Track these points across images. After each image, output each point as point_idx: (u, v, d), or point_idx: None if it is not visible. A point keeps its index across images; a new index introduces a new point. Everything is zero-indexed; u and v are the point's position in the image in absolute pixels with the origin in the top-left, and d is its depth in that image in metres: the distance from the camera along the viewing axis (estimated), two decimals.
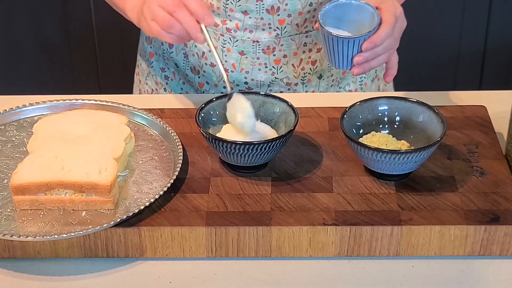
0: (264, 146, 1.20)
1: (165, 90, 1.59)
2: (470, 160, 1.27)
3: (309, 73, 1.51)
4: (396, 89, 1.69)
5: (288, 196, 1.20)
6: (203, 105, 1.28)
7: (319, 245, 1.16)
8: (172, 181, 1.21)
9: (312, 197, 1.20)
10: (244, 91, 1.31)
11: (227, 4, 1.44)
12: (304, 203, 1.19)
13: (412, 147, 1.26)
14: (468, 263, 1.16)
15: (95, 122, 1.30)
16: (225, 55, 1.49)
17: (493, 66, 2.71)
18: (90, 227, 1.14)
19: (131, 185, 1.23)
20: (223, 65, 1.32)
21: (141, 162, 1.28)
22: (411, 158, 1.19)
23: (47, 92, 1.59)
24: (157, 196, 1.18)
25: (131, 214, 1.15)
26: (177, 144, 1.28)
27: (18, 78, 2.72)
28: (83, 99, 1.38)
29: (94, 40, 2.66)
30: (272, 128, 1.29)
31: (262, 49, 1.48)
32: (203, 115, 1.27)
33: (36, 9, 2.61)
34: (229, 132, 1.25)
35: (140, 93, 1.65)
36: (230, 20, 1.46)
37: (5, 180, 1.23)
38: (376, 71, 1.60)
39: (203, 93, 1.55)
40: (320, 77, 1.53)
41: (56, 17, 2.62)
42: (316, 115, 1.37)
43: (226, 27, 1.47)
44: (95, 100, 1.38)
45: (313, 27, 1.47)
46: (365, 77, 1.58)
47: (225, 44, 1.48)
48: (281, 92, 1.51)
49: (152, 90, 1.61)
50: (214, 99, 1.29)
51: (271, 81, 1.50)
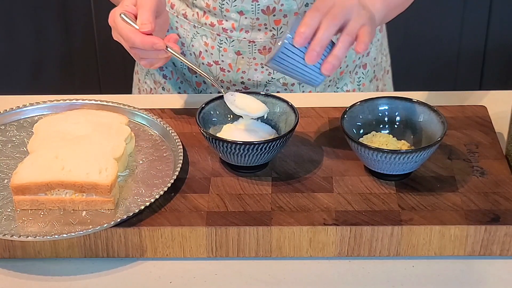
0: (265, 146, 1.20)
1: (163, 89, 1.59)
2: (470, 160, 1.27)
3: None
4: (396, 89, 1.69)
5: (289, 196, 1.20)
6: (203, 105, 1.28)
7: (319, 245, 1.16)
8: (172, 181, 1.21)
9: (313, 197, 1.20)
10: (245, 91, 1.31)
11: (223, 4, 1.44)
12: (305, 203, 1.19)
13: (413, 147, 1.26)
14: (468, 263, 1.16)
15: (96, 122, 1.30)
16: (222, 55, 1.49)
17: (494, 66, 2.71)
18: (91, 227, 1.14)
19: (131, 185, 1.23)
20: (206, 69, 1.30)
21: (141, 162, 1.28)
22: (411, 158, 1.19)
23: (47, 92, 1.59)
24: (157, 196, 1.18)
25: (131, 214, 1.15)
26: (178, 144, 1.28)
27: (18, 78, 2.72)
28: (83, 99, 1.38)
29: (94, 40, 2.66)
30: (272, 128, 1.29)
31: (258, 49, 1.48)
32: (203, 115, 1.27)
33: (36, 9, 2.61)
34: (229, 132, 1.25)
35: (139, 92, 1.65)
36: (226, 20, 1.46)
37: (5, 180, 1.23)
38: (375, 71, 1.59)
39: (201, 92, 1.55)
40: None
41: (56, 17, 2.62)
42: (317, 115, 1.37)
43: (222, 27, 1.47)
44: (95, 100, 1.38)
45: None
46: (363, 78, 1.57)
47: (221, 44, 1.48)
48: (278, 92, 1.51)
49: (151, 89, 1.61)
50: (214, 99, 1.29)
51: (267, 81, 1.50)
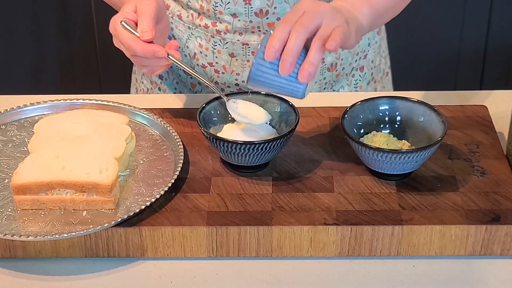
0: (265, 146, 1.20)
1: (159, 89, 1.59)
2: (471, 160, 1.27)
3: None
4: (396, 89, 1.69)
5: (289, 195, 1.20)
6: (204, 105, 1.28)
7: (320, 244, 1.16)
8: (173, 180, 1.21)
9: (313, 197, 1.20)
10: (245, 91, 1.31)
11: (216, 6, 1.44)
12: (305, 203, 1.19)
13: (413, 147, 1.26)
14: (469, 263, 1.16)
15: (96, 121, 1.30)
16: (216, 57, 1.49)
17: (494, 65, 2.71)
18: (91, 226, 1.14)
19: (132, 184, 1.23)
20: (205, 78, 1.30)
21: (142, 162, 1.28)
22: (412, 157, 1.19)
23: (48, 91, 1.59)
24: (158, 196, 1.18)
25: (132, 214, 1.15)
26: (178, 143, 1.28)
27: (19, 77, 2.72)
28: (83, 99, 1.38)
29: (95, 40, 2.66)
30: (273, 127, 1.29)
31: (252, 52, 1.47)
32: (204, 114, 1.27)
33: (36, 9, 2.61)
34: (230, 132, 1.25)
35: (136, 92, 1.65)
36: (220, 22, 1.46)
37: (6, 180, 1.23)
38: (373, 73, 1.59)
39: (196, 93, 1.55)
40: None
41: (57, 17, 2.62)
42: (317, 114, 1.37)
43: (216, 29, 1.46)
44: (96, 100, 1.38)
45: None
46: (360, 80, 1.57)
47: (215, 46, 1.48)
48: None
49: (148, 89, 1.61)
50: (215, 99, 1.29)
51: None
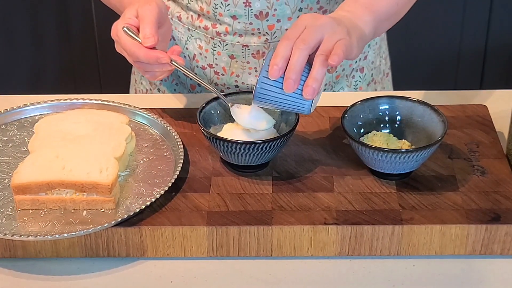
0: (265, 146, 1.20)
1: (158, 90, 1.59)
2: (471, 159, 1.27)
3: None
4: (396, 89, 1.69)
5: (289, 195, 1.20)
6: (204, 105, 1.28)
7: (320, 244, 1.16)
8: (173, 180, 1.21)
9: (313, 197, 1.20)
10: (245, 91, 1.31)
11: (216, 8, 1.44)
12: (305, 203, 1.19)
13: (413, 147, 1.26)
14: (469, 262, 1.16)
15: (96, 121, 1.30)
16: (216, 59, 1.49)
17: (494, 65, 2.71)
18: (91, 226, 1.14)
19: (132, 184, 1.23)
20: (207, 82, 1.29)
21: (142, 161, 1.28)
22: (412, 157, 1.19)
23: (48, 92, 1.59)
24: (158, 196, 1.18)
25: (132, 214, 1.15)
26: (178, 143, 1.28)
27: (19, 78, 2.72)
28: (84, 99, 1.38)
29: (95, 40, 2.66)
30: (273, 127, 1.28)
31: (252, 53, 1.47)
32: (204, 114, 1.27)
33: (36, 9, 2.61)
34: (230, 132, 1.25)
35: (135, 92, 1.65)
36: (220, 24, 1.46)
37: (6, 180, 1.23)
38: (373, 75, 1.59)
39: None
40: None
41: (57, 17, 2.62)
42: (317, 114, 1.37)
43: (216, 31, 1.46)
44: (96, 100, 1.38)
45: None
46: (360, 81, 1.57)
47: (215, 47, 1.48)
48: None
49: (147, 90, 1.61)
50: (215, 99, 1.29)
51: None
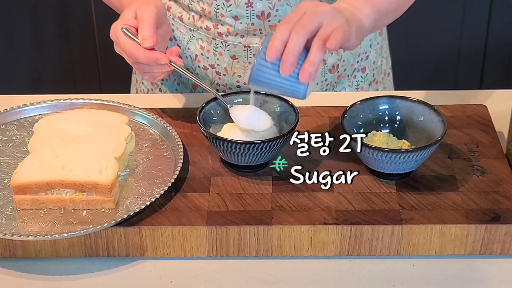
0: (265, 146, 1.20)
1: (160, 90, 1.59)
2: (470, 159, 1.27)
3: None
4: (396, 89, 1.69)
5: (289, 195, 1.20)
6: (204, 104, 1.28)
7: (320, 244, 1.16)
8: (172, 180, 1.21)
9: (313, 196, 1.20)
10: (244, 91, 1.31)
11: (218, 9, 1.43)
12: (305, 202, 1.19)
13: (413, 146, 1.26)
14: (469, 262, 1.16)
15: (96, 121, 1.30)
16: (217, 59, 1.49)
17: (494, 65, 2.71)
18: (91, 226, 1.14)
19: (132, 184, 1.23)
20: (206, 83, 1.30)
21: (141, 161, 1.28)
22: (412, 157, 1.19)
23: (47, 92, 1.59)
24: (158, 196, 1.18)
25: (131, 214, 1.15)
26: (178, 143, 1.28)
27: (19, 78, 2.72)
28: (83, 99, 1.38)
29: (94, 40, 2.66)
30: (274, 126, 1.28)
31: (254, 54, 1.47)
32: (203, 114, 1.27)
33: (36, 9, 2.61)
34: (230, 131, 1.25)
35: (136, 92, 1.65)
36: (222, 25, 1.45)
37: (6, 180, 1.23)
38: (374, 75, 1.59)
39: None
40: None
41: (56, 18, 2.62)
42: (317, 114, 1.37)
43: (217, 31, 1.46)
44: (95, 100, 1.38)
45: None
46: (361, 81, 1.57)
47: (217, 48, 1.48)
48: None
49: (148, 90, 1.61)
50: (215, 98, 1.29)
51: None
